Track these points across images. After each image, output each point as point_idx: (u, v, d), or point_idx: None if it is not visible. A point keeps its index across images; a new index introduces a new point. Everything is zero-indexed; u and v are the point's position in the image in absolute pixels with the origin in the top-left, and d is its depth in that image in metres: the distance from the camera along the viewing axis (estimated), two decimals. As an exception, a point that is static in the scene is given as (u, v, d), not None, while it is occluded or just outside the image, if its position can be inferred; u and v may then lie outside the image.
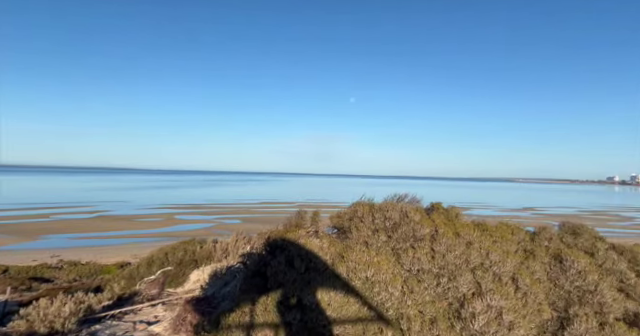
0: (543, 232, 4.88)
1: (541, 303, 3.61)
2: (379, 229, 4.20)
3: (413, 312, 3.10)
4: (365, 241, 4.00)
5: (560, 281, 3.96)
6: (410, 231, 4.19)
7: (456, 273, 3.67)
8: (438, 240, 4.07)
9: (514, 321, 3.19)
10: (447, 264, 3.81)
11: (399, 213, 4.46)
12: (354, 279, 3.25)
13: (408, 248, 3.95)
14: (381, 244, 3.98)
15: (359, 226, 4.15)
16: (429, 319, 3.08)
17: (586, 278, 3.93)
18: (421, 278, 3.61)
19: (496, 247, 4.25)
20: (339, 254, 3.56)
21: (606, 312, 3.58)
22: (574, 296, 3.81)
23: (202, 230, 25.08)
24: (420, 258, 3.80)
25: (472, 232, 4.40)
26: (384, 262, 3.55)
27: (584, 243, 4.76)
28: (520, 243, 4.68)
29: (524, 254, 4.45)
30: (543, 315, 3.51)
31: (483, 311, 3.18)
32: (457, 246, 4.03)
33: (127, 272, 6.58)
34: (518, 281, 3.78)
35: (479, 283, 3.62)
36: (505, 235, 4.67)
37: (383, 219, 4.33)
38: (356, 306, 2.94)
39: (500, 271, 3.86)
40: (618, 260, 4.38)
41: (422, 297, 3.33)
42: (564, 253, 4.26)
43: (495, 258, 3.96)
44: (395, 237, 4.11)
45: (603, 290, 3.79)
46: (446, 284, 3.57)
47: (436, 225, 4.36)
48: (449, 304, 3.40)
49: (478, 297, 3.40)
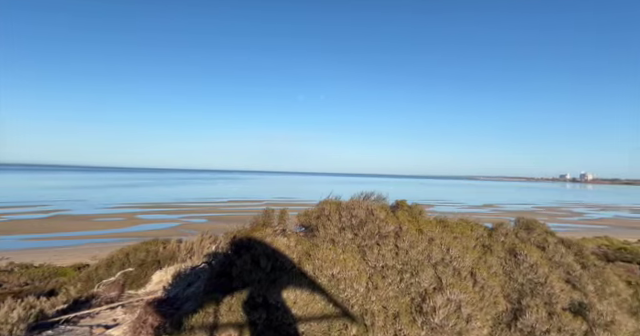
0: (500, 228, 5.14)
1: (497, 296, 3.80)
2: (345, 227, 4.25)
3: (377, 308, 3.17)
4: (332, 239, 4.05)
5: (514, 274, 4.19)
6: (375, 228, 4.28)
7: (419, 269, 3.79)
8: (402, 237, 4.18)
9: (472, 314, 3.35)
10: (410, 260, 3.93)
11: (365, 211, 4.54)
12: (320, 277, 3.28)
13: (373, 245, 4.03)
14: (347, 242, 4.04)
15: (326, 224, 4.18)
16: (392, 314, 3.16)
17: (537, 271, 4.18)
18: (385, 274, 3.71)
19: (456, 243, 4.42)
20: (306, 252, 3.58)
21: (554, 302, 3.83)
22: (526, 288, 4.04)
23: (166, 230, 24.34)
24: (385, 255, 3.89)
25: (434, 229, 4.55)
26: (350, 259, 3.60)
27: (536, 238, 5.06)
28: (479, 239, 4.90)
29: (482, 249, 4.67)
30: (498, 307, 3.70)
31: (443, 305, 3.31)
32: (420, 242, 4.16)
33: (84, 274, 6.28)
34: (476, 275, 3.96)
35: (440, 278, 3.76)
36: (465, 231, 4.87)
37: (350, 217, 4.40)
38: (322, 303, 2.97)
39: (460, 266, 4.03)
40: (566, 253, 4.69)
41: (386, 293, 3.41)
42: (518, 248, 4.51)
43: (455, 253, 4.13)
44: (361, 234, 4.18)
45: (552, 282, 4.05)
46: (409, 279, 3.69)
47: (400, 222, 4.47)
48: (412, 299, 3.51)
49: (439, 291, 3.53)
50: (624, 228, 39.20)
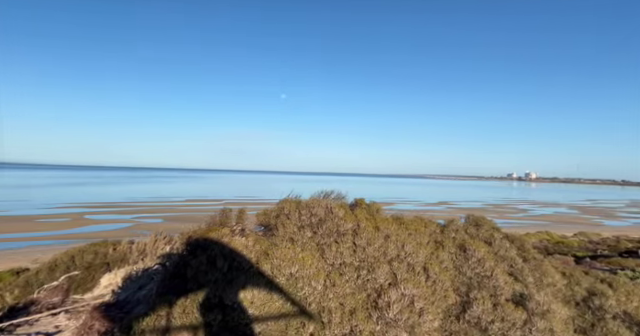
0: (451, 224, 5.41)
1: (447, 289, 4.00)
2: (305, 225, 4.28)
3: (334, 305, 3.23)
4: (291, 238, 4.05)
5: (463, 268, 4.42)
6: (334, 226, 4.34)
7: (375, 265, 3.90)
8: (360, 234, 4.28)
9: (424, 307, 3.50)
10: (367, 257, 4.03)
11: (325, 209, 4.59)
12: (279, 276, 3.28)
13: (332, 243, 4.09)
14: (306, 240, 4.07)
15: (285, 223, 4.18)
16: (349, 310, 3.23)
17: (484, 265, 4.45)
18: (343, 271, 3.78)
19: (411, 239, 4.60)
20: (264, 252, 3.56)
21: (499, 294, 4.10)
22: (474, 281, 4.29)
23: (118, 230, 23.10)
24: (343, 252, 3.96)
25: (390, 226, 4.70)
26: (309, 258, 3.63)
27: (484, 234, 5.38)
28: (432, 235, 5.12)
29: (435, 245, 4.88)
30: (448, 300, 3.90)
31: (397, 300, 3.44)
32: (377, 239, 4.28)
33: (23, 279, 5.80)
34: (429, 270, 4.14)
35: (395, 274, 3.89)
36: (419, 228, 5.07)
37: (309, 215, 4.43)
38: (279, 302, 2.98)
39: (414, 261, 4.20)
40: (510, 248, 5.03)
41: (343, 290, 3.48)
42: (467, 243, 4.77)
43: (410, 249, 4.29)
44: (320, 233, 4.23)
45: (497, 275, 4.33)
46: (365, 276, 3.78)
47: (358, 220, 4.57)
48: (368, 295, 3.60)
49: (394, 287, 3.65)
50: (562, 223, 42.63)
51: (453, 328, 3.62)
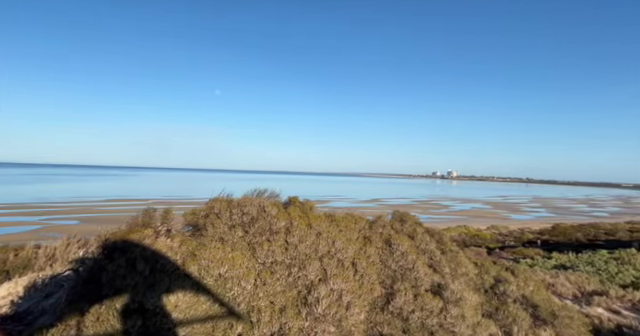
0: (379, 220, 5.69)
1: (373, 283, 4.21)
2: (236, 225, 4.20)
3: (264, 303, 3.22)
4: (221, 237, 3.95)
5: (388, 262, 4.69)
6: (267, 225, 4.32)
7: (306, 262, 3.97)
8: (292, 232, 4.32)
9: (351, 301, 3.65)
10: (299, 254, 4.08)
11: (257, 208, 4.55)
12: (207, 277, 3.18)
13: (264, 242, 4.07)
14: (237, 239, 4.00)
15: (215, 222, 4.07)
16: (279, 308, 3.25)
17: (407, 258, 4.76)
18: (274, 270, 3.78)
19: (341, 235, 4.75)
20: (191, 253, 3.43)
21: (419, 285, 4.42)
22: (398, 274, 4.57)
23: (22, 234, 20.49)
24: (275, 250, 3.97)
25: (323, 223, 4.81)
26: (239, 257, 3.58)
27: (408, 228, 5.76)
28: (361, 231, 5.34)
29: (363, 240, 5.10)
30: (374, 293, 4.11)
31: (327, 295, 3.54)
32: (309, 237, 4.35)
33: None
34: (357, 265, 4.32)
35: (325, 270, 4.00)
36: (350, 224, 5.26)
37: (241, 214, 4.35)
38: (207, 304, 2.89)
39: (343, 257, 4.35)
40: (430, 241, 5.44)
41: (274, 288, 3.49)
42: (393, 238, 5.06)
43: (340, 246, 4.43)
44: (252, 231, 4.18)
45: (418, 267, 4.67)
46: (297, 273, 3.83)
47: (291, 218, 4.61)
48: (298, 292, 3.65)
49: (323, 283, 3.75)
50: (478, 218, 47.16)
51: (378, 319, 3.82)
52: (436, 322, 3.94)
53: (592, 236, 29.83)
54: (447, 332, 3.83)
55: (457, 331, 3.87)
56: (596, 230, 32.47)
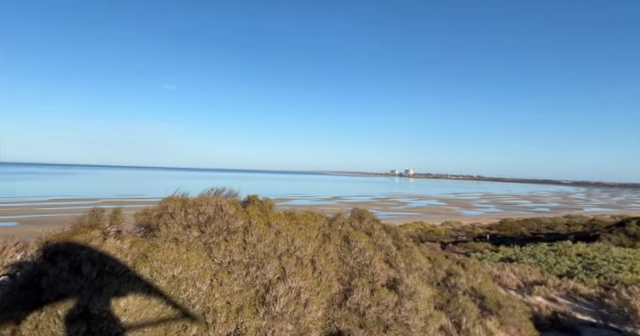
0: (338, 218, 5.77)
1: (332, 279, 4.27)
2: (191, 224, 4.08)
3: (220, 304, 3.17)
4: (175, 238, 3.82)
5: (347, 259, 4.78)
6: (224, 224, 4.24)
7: (265, 261, 3.94)
8: (250, 231, 4.27)
9: (310, 298, 3.68)
10: (257, 253, 4.04)
11: (214, 207, 4.45)
12: (159, 279, 3.07)
13: (221, 241, 3.99)
14: (193, 240, 3.89)
15: (169, 223, 3.93)
16: (236, 308, 3.21)
17: (365, 254, 4.88)
18: (232, 269, 3.72)
19: (301, 233, 4.77)
20: (143, 254, 3.29)
21: (376, 280, 4.55)
22: (356, 270, 4.67)
23: (-49, 237, 18.54)
24: (232, 250, 3.90)
25: (282, 221, 4.80)
26: (194, 258, 3.48)
27: (366, 225, 5.89)
28: (320, 229, 5.39)
29: (323, 238, 5.15)
30: (332, 289, 4.17)
31: (285, 293, 3.54)
32: (268, 235, 4.32)
33: None
34: (316, 262, 4.36)
35: (284, 268, 4.00)
36: (309, 222, 5.28)
37: (197, 214, 4.23)
38: (159, 307, 2.79)
39: (302, 255, 4.37)
40: (386, 237, 5.61)
41: (231, 288, 3.44)
42: (351, 235, 5.16)
43: (299, 243, 4.45)
44: (208, 231, 4.08)
45: (375, 263, 4.80)
46: (255, 272, 3.80)
47: (250, 217, 4.55)
48: (256, 291, 3.62)
49: (282, 281, 3.75)
50: (433, 214, 49.22)
51: (335, 315, 3.89)
52: (391, 316, 4.07)
53: (535, 230, 32.18)
54: (401, 325, 3.97)
55: (410, 324, 4.03)
56: (538, 224, 35.05)
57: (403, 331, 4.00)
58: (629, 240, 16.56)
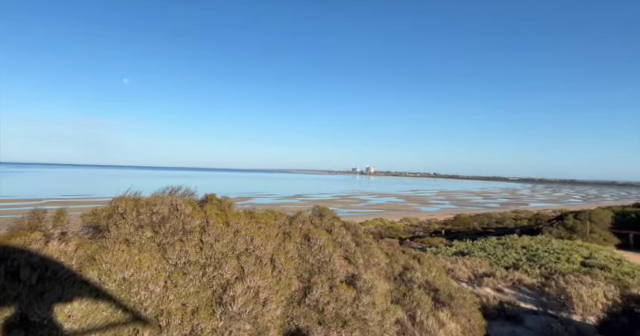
0: (299, 216, 5.79)
1: (291, 277, 4.28)
2: (144, 225, 3.92)
3: (175, 306, 3.07)
4: (126, 239, 3.65)
5: (307, 256, 4.81)
6: (180, 224, 4.11)
7: (222, 261, 3.87)
8: (208, 231, 4.17)
9: (268, 297, 3.67)
10: (215, 253, 3.96)
11: (169, 207, 4.30)
12: (108, 282, 2.92)
13: (176, 242, 3.87)
14: (145, 240, 3.73)
15: (119, 223, 3.74)
16: (191, 310, 3.13)
17: (324, 251, 4.93)
18: (187, 270, 3.62)
19: (260, 232, 4.72)
20: (90, 257, 3.12)
21: (335, 277, 4.61)
22: (315, 267, 4.71)
23: None
24: (188, 250, 3.79)
25: (241, 220, 4.73)
26: (147, 259, 3.35)
27: (326, 223, 5.96)
28: (281, 227, 5.38)
29: (283, 236, 5.14)
30: (292, 287, 4.18)
31: (243, 293, 3.50)
32: (226, 235, 4.25)
33: None
34: (275, 261, 4.35)
35: (243, 267, 3.95)
36: (269, 221, 5.25)
37: (150, 214, 4.07)
38: (108, 312, 2.66)
39: (262, 254, 4.34)
40: (346, 234, 5.71)
41: (186, 289, 3.34)
42: (311, 233, 5.19)
43: (258, 242, 4.41)
44: (162, 232, 3.94)
45: (334, 259, 4.87)
46: (212, 273, 3.71)
47: (208, 216, 4.45)
48: (213, 292, 3.55)
49: (240, 281, 3.70)
50: (393, 211, 50.64)
51: (294, 313, 3.90)
52: (349, 311, 4.16)
53: (486, 225, 34.09)
54: (359, 320, 4.07)
55: (368, 318, 4.14)
56: (489, 219, 37.16)
57: (360, 326, 4.10)
58: (567, 232, 18.03)
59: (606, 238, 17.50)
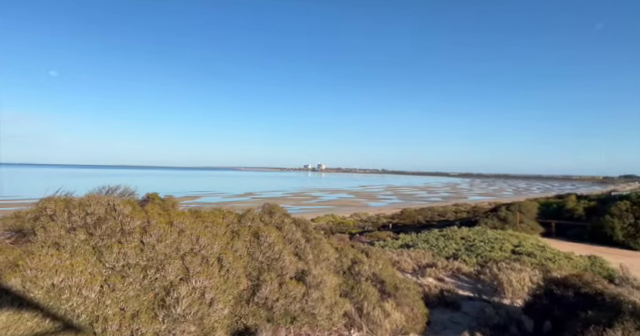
0: (248, 214, 5.70)
1: (239, 276, 4.21)
2: (77, 227, 3.64)
3: (112, 311, 2.90)
4: (56, 242, 3.37)
5: (256, 254, 4.76)
6: (118, 225, 3.87)
7: (165, 262, 3.71)
8: (149, 231, 3.97)
9: (215, 297, 3.58)
10: (157, 254, 3.78)
11: (105, 207, 4.03)
12: (34, 289, 2.68)
13: (114, 244, 3.64)
14: (79, 243, 3.47)
15: (48, 226, 3.44)
16: (131, 314, 2.97)
17: (274, 248, 4.91)
18: (126, 273, 3.42)
19: (207, 232, 4.59)
20: (12, 263, 2.84)
21: (284, 274, 4.62)
22: (265, 265, 4.68)
23: None
24: (127, 253, 3.58)
25: (186, 220, 4.56)
26: (80, 263, 3.12)
27: (276, 220, 5.93)
28: (229, 225, 5.26)
29: (231, 235, 5.04)
30: (240, 286, 4.12)
31: (187, 294, 3.39)
32: (169, 235, 4.07)
33: None
34: (223, 260, 4.25)
35: (187, 268, 3.82)
36: (216, 220, 5.12)
37: (84, 215, 3.79)
38: (33, 321, 2.45)
39: (208, 253, 4.22)
40: (296, 231, 5.73)
41: (125, 293, 3.16)
42: (261, 230, 5.14)
43: (205, 242, 4.29)
44: (98, 234, 3.68)
45: (284, 256, 4.86)
46: (154, 275, 3.55)
47: (149, 216, 4.23)
48: (155, 294, 3.40)
49: (185, 282, 3.58)
50: (343, 206, 51.65)
51: (243, 312, 3.86)
52: (298, 307, 4.19)
53: (429, 218, 35.98)
54: (308, 315, 4.12)
55: (317, 312, 4.20)
56: (432, 213, 39.26)
57: (309, 320, 4.16)
58: (500, 223, 19.61)
59: (533, 227, 19.30)
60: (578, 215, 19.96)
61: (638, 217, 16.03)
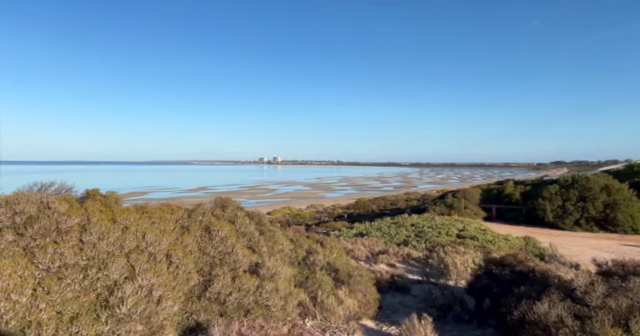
0: (198, 208, 5.53)
1: (190, 272, 4.10)
2: (4, 227, 3.33)
3: (47, 315, 2.71)
4: (-21, 245, 3.06)
5: (207, 249, 4.65)
6: (53, 224, 3.59)
7: (108, 261, 3.52)
8: (90, 229, 3.73)
9: (163, 295, 3.46)
10: (99, 253, 3.57)
11: (38, 205, 3.73)
12: (-48, 299, 2.43)
13: (48, 244, 3.38)
14: (6, 245, 3.18)
15: (-32, 227, 3.11)
16: (69, 317, 2.79)
17: (227, 243, 4.83)
18: (63, 275, 3.20)
19: (154, 228, 4.40)
20: None
21: (238, 267, 4.57)
22: (217, 259, 4.60)
23: None
24: (64, 252, 3.34)
25: (131, 216, 4.33)
26: (9, 266, 2.87)
27: (229, 214, 5.82)
28: (178, 221, 5.08)
29: (181, 230, 4.87)
30: (191, 282, 4.02)
31: (133, 293, 3.25)
32: (112, 233, 3.86)
33: None
34: (172, 257, 4.11)
35: (133, 266, 3.65)
36: (164, 215, 4.92)
37: (12, 214, 3.48)
38: (-49, 334, 2.22)
39: (156, 250, 4.05)
40: (249, 224, 5.67)
41: (62, 296, 2.96)
42: (212, 224, 5.03)
43: (151, 239, 4.11)
44: (30, 234, 3.40)
45: (237, 250, 4.80)
46: (95, 275, 3.35)
47: (89, 214, 3.98)
48: (97, 295, 3.22)
49: (130, 280, 3.42)
50: (300, 198, 51.82)
51: (194, 308, 3.77)
52: (252, 300, 4.17)
53: (382, 207, 37.19)
54: (261, 307, 4.12)
55: (271, 304, 4.21)
56: (385, 202, 40.60)
57: (263, 312, 4.16)
58: (447, 209, 20.78)
59: (476, 212, 20.67)
60: (516, 199, 21.68)
61: (565, 199, 17.76)
